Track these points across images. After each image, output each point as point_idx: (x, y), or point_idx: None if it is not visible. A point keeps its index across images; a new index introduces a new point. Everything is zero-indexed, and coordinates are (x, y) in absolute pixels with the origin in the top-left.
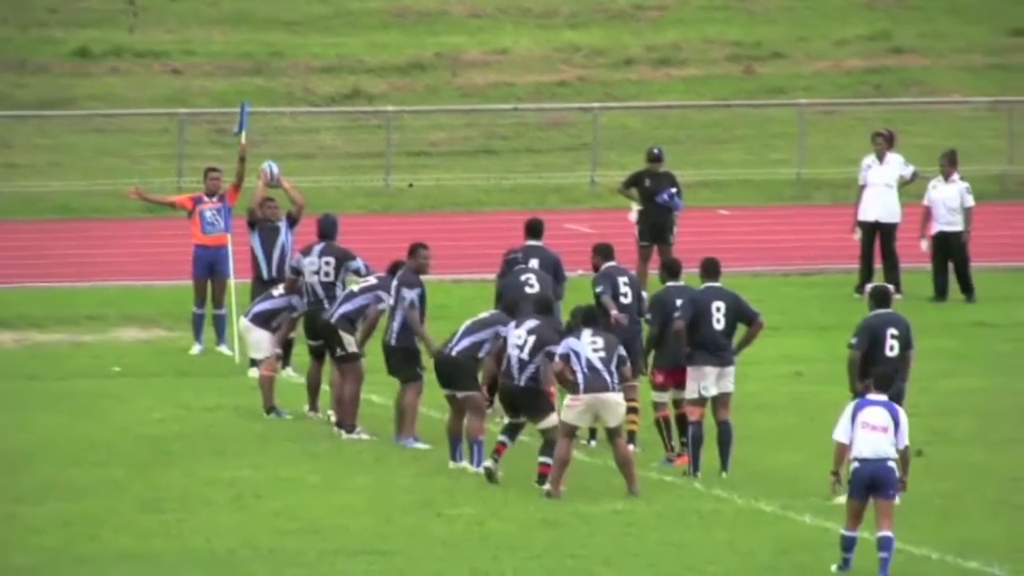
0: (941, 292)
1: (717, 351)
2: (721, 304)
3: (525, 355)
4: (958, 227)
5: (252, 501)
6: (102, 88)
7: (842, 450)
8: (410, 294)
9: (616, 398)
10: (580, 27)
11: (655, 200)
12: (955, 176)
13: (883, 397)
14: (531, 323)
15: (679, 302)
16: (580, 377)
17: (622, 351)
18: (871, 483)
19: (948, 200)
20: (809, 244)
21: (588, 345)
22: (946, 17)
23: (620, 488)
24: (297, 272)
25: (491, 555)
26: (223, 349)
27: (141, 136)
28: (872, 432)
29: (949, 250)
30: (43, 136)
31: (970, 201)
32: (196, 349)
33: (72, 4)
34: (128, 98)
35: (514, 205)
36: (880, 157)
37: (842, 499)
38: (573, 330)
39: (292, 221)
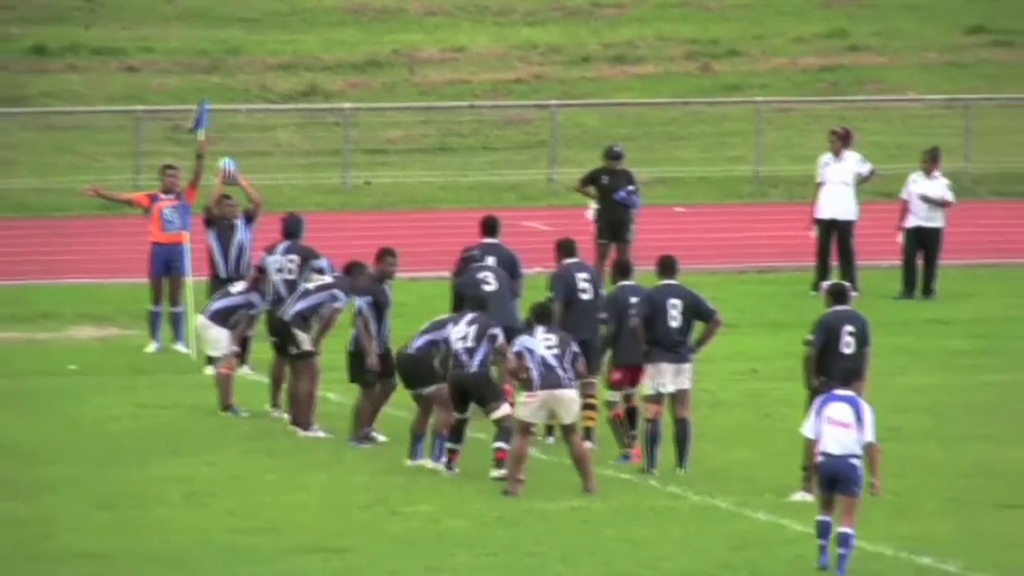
0: (909, 287)
1: (674, 348)
2: (677, 301)
3: (471, 343)
4: (936, 223)
5: (207, 499)
6: (58, 85)
7: (811, 445)
8: (359, 302)
9: (570, 394)
10: (537, 25)
11: (613, 198)
12: (936, 172)
13: (849, 392)
14: (469, 316)
15: (633, 300)
16: (535, 374)
17: (575, 347)
18: (833, 479)
19: (929, 196)
20: (765, 241)
21: (542, 342)
22: (902, 15)
23: (576, 485)
24: (261, 271)
25: (447, 552)
26: (179, 347)
27: (97, 133)
28: (835, 428)
29: (924, 245)
30: None
31: (951, 197)
32: (152, 347)
33: (28, 1)
34: (84, 95)
35: (471, 203)
36: (836, 155)
37: (798, 496)
38: (528, 327)
39: (249, 218)
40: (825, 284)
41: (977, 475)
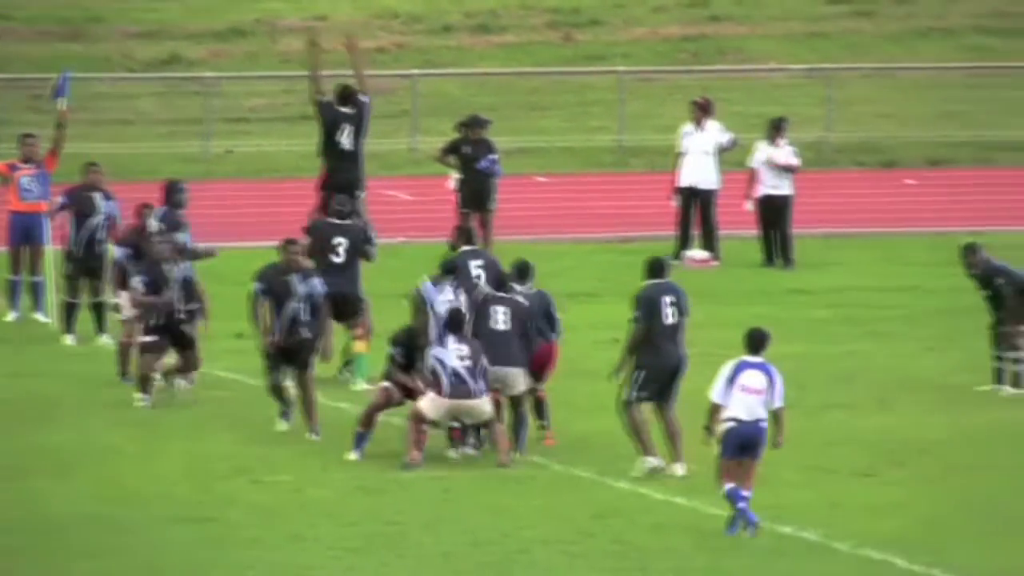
0: (769, 256)
1: (495, 351)
2: (506, 308)
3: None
4: (784, 191)
5: (75, 469)
6: None
7: (717, 410)
8: (254, 286)
9: (478, 403)
10: None
11: (475, 167)
12: (781, 141)
13: (760, 359)
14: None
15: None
16: (445, 382)
17: (485, 361)
18: (744, 443)
19: (776, 160)
20: (627, 211)
21: (453, 352)
22: None
23: (438, 454)
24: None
25: (309, 522)
26: (39, 316)
27: None
28: (748, 395)
29: (773, 214)
30: None
31: (796, 162)
32: (11, 316)
33: None
34: None
35: None
36: (698, 124)
37: (651, 461)
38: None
39: (108, 197)
40: (684, 254)
41: (836, 444)
